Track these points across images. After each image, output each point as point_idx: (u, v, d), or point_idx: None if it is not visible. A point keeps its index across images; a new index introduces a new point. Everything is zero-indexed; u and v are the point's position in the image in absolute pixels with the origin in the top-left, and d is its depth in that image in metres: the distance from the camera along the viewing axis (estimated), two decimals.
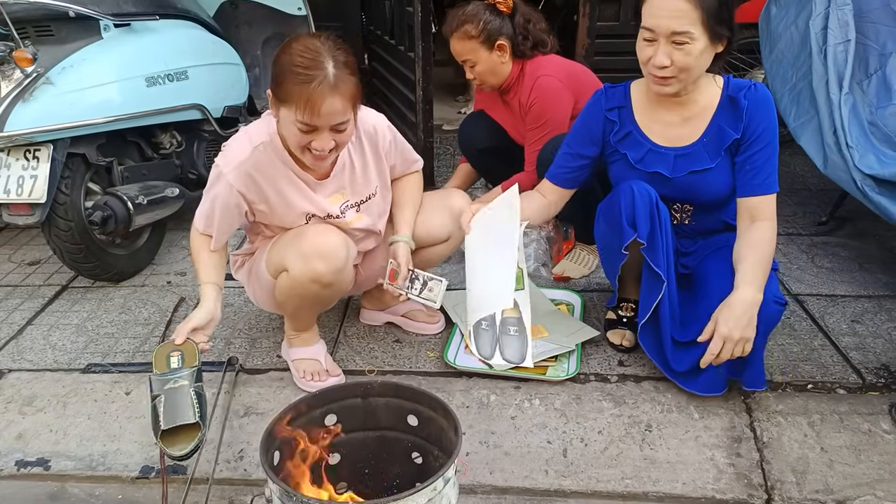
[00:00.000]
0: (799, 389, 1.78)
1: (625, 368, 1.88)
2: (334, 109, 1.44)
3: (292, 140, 1.52)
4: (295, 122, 1.46)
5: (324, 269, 1.63)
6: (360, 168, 1.75)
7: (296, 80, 1.41)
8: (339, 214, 1.74)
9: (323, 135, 1.48)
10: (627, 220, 1.64)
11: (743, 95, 1.62)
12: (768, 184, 1.62)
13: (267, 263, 1.75)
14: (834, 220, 2.72)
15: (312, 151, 1.51)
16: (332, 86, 1.42)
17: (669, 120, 1.70)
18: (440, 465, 1.33)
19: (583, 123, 1.80)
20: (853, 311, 2.13)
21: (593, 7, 3.52)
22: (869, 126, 2.17)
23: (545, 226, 2.51)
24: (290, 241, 1.68)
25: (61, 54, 2.13)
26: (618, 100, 1.75)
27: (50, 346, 2.07)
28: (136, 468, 1.64)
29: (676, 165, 1.70)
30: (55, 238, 2.19)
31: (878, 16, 2.23)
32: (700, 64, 1.55)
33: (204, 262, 1.66)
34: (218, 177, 1.62)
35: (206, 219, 1.67)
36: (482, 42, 2.25)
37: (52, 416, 1.78)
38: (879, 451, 1.58)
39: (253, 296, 1.90)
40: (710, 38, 1.51)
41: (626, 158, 1.75)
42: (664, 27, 1.50)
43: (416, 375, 1.88)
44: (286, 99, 1.45)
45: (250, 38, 3.37)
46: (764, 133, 1.61)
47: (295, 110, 1.44)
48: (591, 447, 1.62)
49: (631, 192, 1.65)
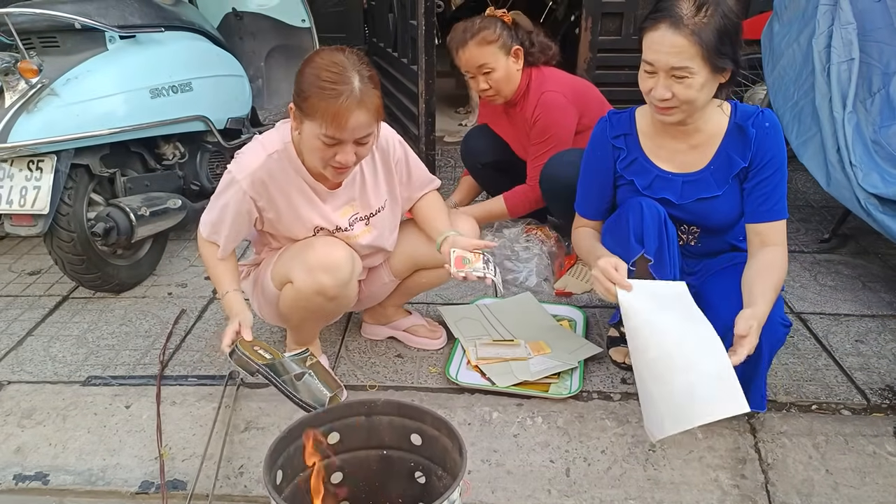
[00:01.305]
0: (803, 410, 1.77)
1: (628, 386, 1.87)
2: (360, 123, 1.46)
3: (315, 154, 1.53)
4: (320, 136, 1.47)
5: (329, 283, 1.63)
6: (370, 180, 1.75)
7: (322, 96, 1.43)
8: (347, 227, 1.73)
9: (347, 148, 1.49)
10: (635, 236, 1.63)
11: (751, 124, 1.60)
12: (777, 210, 1.61)
13: (272, 275, 1.75)
14: (837, 237, 2.71)
15: (334, 165, 1.53)
16: (359, 100, 1.44)
17: (676, 147, 1.69)
18: (443, 485, 1.32)
19: (593, 153, 1.80)
20: (857, 331, 2.12)
21: (595, 21, 3.54)
22: (872, 145, 2.17)
23: (547, 241, 2.51)
24: (296, 254, 1.68)
25: (66, 65, 2.13)
26: (623, 127, 1.74)
27: (50, 358, 2.06)
28: (136, 483, 1.62)
29: (684, 192, 1.69)
30: (57, 249, 2.18)
31: (882, 35, 2.24)
32: (703, 96, 1.54)
33: (220, 272, 1.69)
34: (230, 183, 1.62)
35: (212, 226, 1.67)
36: (500, 47, 2.27)
37: (52, 430, 1.77)
38: (884, 474, 1.57)
39: (257, 308, 1.89)
40: (710, 71, 1.50)
41: (633, 185, 1.74)
42: (663, 62, 1.49)
43: (418, 391, 1.87)
44: (312, 113, 1.45)
45: (254, 50, 3.38)
46: (772, 160, 1.60)
47: (321, 124, 1.45)
48: (594, 467, 1.61)
49: (640, 207, 1.64)
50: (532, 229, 2.57)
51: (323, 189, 1.68)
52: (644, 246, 1.61)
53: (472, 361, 1.92)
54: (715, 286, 1.74)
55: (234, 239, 1.69)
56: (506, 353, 1.95)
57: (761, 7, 3.50)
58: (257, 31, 3.37)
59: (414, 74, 3.28)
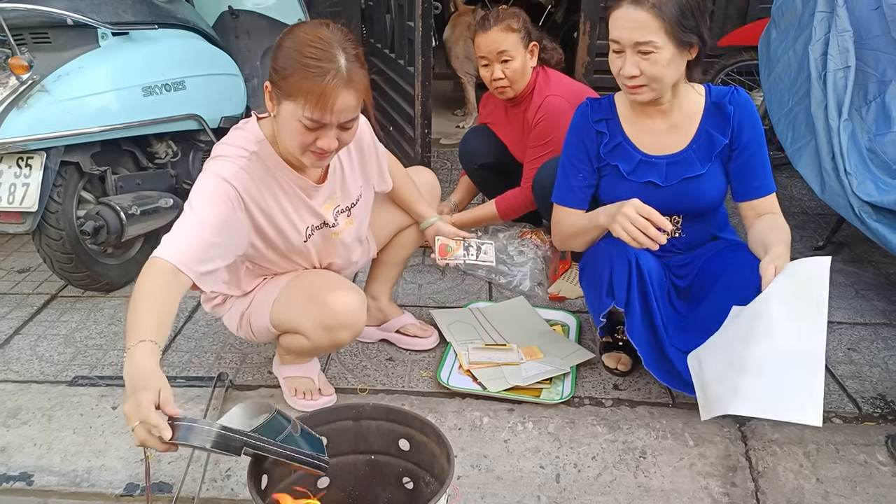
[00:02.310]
0: None
1: (620, 392, 1.86)
2: (347, 106, 1.35)
3: (294, 138, 1.38)
4: (301, 119, 1.34)
5: (347, 337, 1.64)
6: (348, 170, 1.68)
7: (306, 74, 1.30)
8: (333, 223, 1.66)
9: (329, 133, 1.37)
10: (606, 288, 1.68)
11: (728, 101, 1.67)
12: (767, 184, 1.68)
13: (272, 321, 1.65)
14: (831, 244, 2.71)
15: (315, 151, 1.41)
16: (346, 80, 1.32)
17: (656, 128, 1.72)
18: (431, 491, 1.30)
19: (576, 137, 1.80)
20: (849, 339, 2.12)
21: (594, 25, 3.54)
22: (868, 153, 2.17)
23: (542, 245, 2.50)
24: (304, 305, 1.59)
25: (58, 62, 2.11)
26: (604, 111, 1.77)
27: (37, 357, 2.04)
28: (121, 485, 1.60)
29: (669, 173, 1.71)
30: (46, 247, 2.16)
31: (878, 43, 2.24)
32: (670, 72, 1.58)
33: (150, 307, 1.23)
34: (213, 182, 1.41)
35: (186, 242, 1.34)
36: (522, 37, 2.28)
37: (37, 430, 1.75)
38: (875, 484, 1.56)
39: (238, 332, 1.75)
40: (676, 46, 1.54)
41: (617, 170, 1.75)
42: (627, 38, 1.54)
43: (409, 395, 1.85)
44: (293, 93, 1.32)
45: (250, 49, 3.36)
46: (754, 136, 1.67)
47: (304, 106, 1.32)
48: (584, 473, 1.60)
49: (609, 257, 1.68)
50: (527, 233, 2.56)
51: (308, 184, 1.57)
52: (615, 297, 1.66)
53: (464, 366, 1.91)
54: (713, 265, 1.74)
55: (224, 256, 1.40)
56: (498, 358, 1.94)
57: (759, 14, 3.51)
58: (253, 30, 3.34)
59: (410, 76, 3.26)
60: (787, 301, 1.39)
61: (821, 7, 2.34)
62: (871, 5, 2.24)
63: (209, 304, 1.75)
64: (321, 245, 1.68)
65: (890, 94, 2.17)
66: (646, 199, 1.67)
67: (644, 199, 1.66)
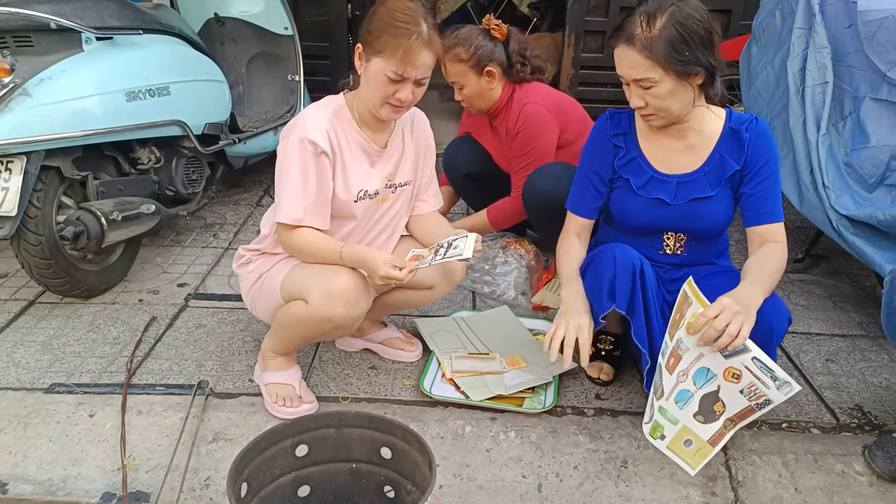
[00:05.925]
0: (774, 428, 1.78)
1: (602, 402, 1.87)
2: (426, 63, 1.59)
3: (378, 90, 1.60)
4: (386, 72, 1.57)
5: (342, 313, 1.63)
6: (408, 152, 1.83)
7: (396, 33, 1.54)
8: (381, 192, 1.78)
9: (407, 86, 1.60)
10: (608, 290, 1.67)
11: (745, 129, 1.68)
12: (776, 212, 1.69)
13: (284, 284, 1.72)
14: (810, 257, 2.75)
15: (393, 103, 1.61)
16: (427, 41, 1.57)
17: (672, 147, 1.74)
18: (413, 500, 1.30)
19: (594, 147, 1.83)
20: (828, 350, 2.14)
21: (578, 38, 3.58)
22: (845, 167, 2.21)
23: (526, 255, 2.51)
24: (317, 274, 1.66)
25: (40, 66, 2.09)
26: (622, 126, 1.79)
27: (13, 364, 2.00)
28: (98, 494, 1.57)
29: (678, 192, 1.73)
30: (24, 252, 2.13)
31: (853, 60, 2.29)
32: (675, 102, 1.60)
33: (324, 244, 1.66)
34: (298, 142, 1.62)
35: (300, 200, 1.63)
36: (471, 66, 2.26)
37: (12, 437, 1.72)
38: (852, 494, 1.58)
39: (250, 303, 1.87)
40: (675, 78, 1.56)
41: (628, 184, 1.77)
42: (627, 75, 1.60)
43: (391, 403, 1.85)
44: (383, 49, 1.56)
45: (235, 56, 3.35)
46: (767, 164, 1.67)
47: (391, 60, 1.55)
48: (566, 482, 1.60)
49: (613, 259, 1.67)
50: (511, 243, 2.57)
51: (374, 148, 1.74)
52: (616, 300, 1.66)
53: (447, 374, 1.91)
54: (710, 286, 1.74)
55: (326, 202, 1.68)
56: (481, 367, 1.94)
57: (741, 30, 3.57)
58: (239, 38, 3.34)
59: None
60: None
61: (799, 24, 2.39)
62: (845, 23, 2.30)
63: (237, 262, 1.90)
64: (365, 213, 1.78)
65: (864, 109, 2.22)
66: (653, 215, 1.75)
67: (652, 215, 1.75)
